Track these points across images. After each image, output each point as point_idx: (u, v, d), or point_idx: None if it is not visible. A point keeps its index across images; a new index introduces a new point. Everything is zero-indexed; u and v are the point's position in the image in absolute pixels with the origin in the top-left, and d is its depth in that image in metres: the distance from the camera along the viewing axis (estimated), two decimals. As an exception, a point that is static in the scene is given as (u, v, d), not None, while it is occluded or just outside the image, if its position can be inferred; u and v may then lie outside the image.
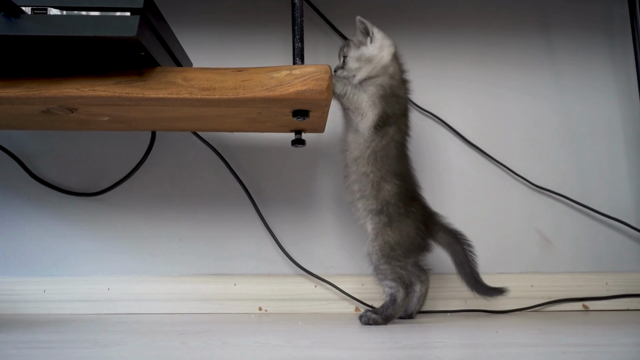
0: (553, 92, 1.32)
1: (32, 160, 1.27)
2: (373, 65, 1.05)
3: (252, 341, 0.85)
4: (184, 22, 1.28)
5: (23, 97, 0.84)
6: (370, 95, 1.03)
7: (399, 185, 1.04)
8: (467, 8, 1.33)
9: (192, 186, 1.27)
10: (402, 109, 1.07)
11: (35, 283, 1.22)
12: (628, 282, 1.23)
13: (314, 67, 0.87)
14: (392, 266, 1.02)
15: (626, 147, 1.30)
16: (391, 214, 1.03)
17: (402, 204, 1.04)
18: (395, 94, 1.05)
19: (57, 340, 0.87)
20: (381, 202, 1.04)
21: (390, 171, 1.04)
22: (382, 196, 1.04)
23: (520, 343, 0.84)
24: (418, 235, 1.04)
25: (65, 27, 0.76)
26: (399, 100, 1.06)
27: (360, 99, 1.02)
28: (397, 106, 1.05)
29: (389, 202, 1.04)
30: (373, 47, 1.05)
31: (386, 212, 1.03)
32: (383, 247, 1.02)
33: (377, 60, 1.05)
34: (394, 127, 1.05)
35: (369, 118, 1.02)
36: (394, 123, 1.04)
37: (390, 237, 1.02)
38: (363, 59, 1.05)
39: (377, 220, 1.04)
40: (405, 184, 1.06)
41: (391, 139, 1.04)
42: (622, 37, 1.32)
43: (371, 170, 1.04)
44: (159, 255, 1.25)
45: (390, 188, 1.04)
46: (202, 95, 0.86)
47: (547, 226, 1.27)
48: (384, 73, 1.05)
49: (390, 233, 1.02)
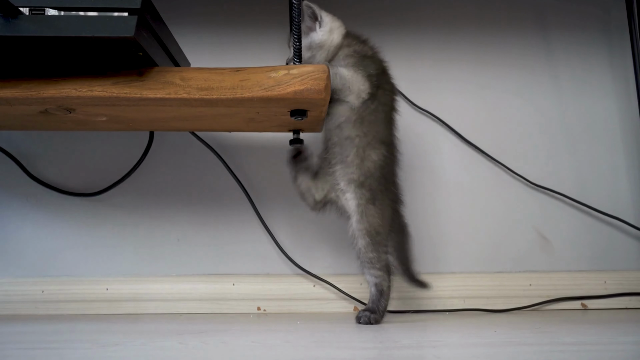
0: (551, 91, 1.32)
1: (30, 161, 1.27)
2: (326, 50, 1.00)
3: (251, 341, 0.85)
4: (182, 22, 1.28)
5: (21, 98, 0.84)
6: (346, 67, 0.98)
7: (385, 157, 0.99)
8: (465, 8, 1.33)
9: (191, 186, 1.27)
10: (378, 67, 1.01)
11: (34, 283, 1.22)
12: (627, 281, 1.23)
13: (311, 67, 0.87)
14: (379, 253, 0.97)
15: (624, 146, 1.30)
16: (374, 189, 0.97)
17: (384, 180, 0.99)
18: (363, 55, 1.00)
19: (56, 341, 0.87)
20: (365, 174, 0.98)
21: (377, 138, 0.98)
22: (366, 166, 0.98)
23: (519, 342, 0.84)
24: (393, 218, 1.01)
25: (63, 28, 0.76)
26: (372, 60, 1.01)
27: (343, 74, 0.96)
28: (373, 65, 0.99)
29: (372, 174, 0.98)
30: (322, 31, 1.00)
31: (368, 186, 0.97)
32: (370, 230, 0.96)
33: (329, 44, 1.00)
34: (381, 90, 0.99)
35: (357, 87, 0.97)
36: (379, 85, 0.99)
37: (375, 218, 0.96)
38: (314, 45, 1.00)
39: (360, 194, 0.98)
40: (390, 156, 1.01)
41: (379, 103, 0.99)
42: (620, 37, 1.32)
43: (356, 135, 0.98)
44: (158, 256, 1.25)
45: (377, 158, 0.98)
46: (200, 95, 0.86)
47: (545, 225, 1.28)
48: (339, 50, 1.01)
49: (374, 213, 0.97)
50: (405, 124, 1.27)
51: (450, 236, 1.27)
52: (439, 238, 1.27)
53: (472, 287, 1.22)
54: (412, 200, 1.27)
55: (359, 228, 0.98)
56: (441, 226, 1.27)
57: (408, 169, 1.27)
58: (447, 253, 1.26)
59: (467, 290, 1.22)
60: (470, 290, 1.22)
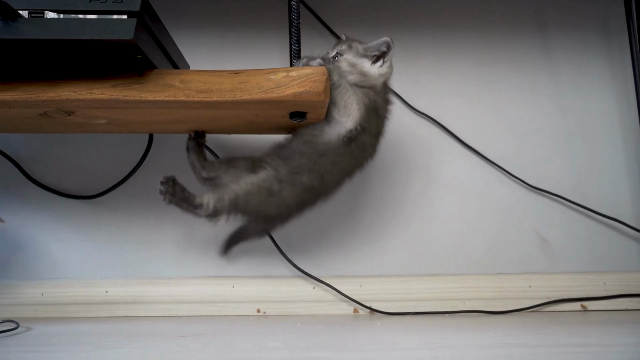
0: (550, 92, 1.32)
1: (30, 164, 1.27)
2: (364, 80, 0.99)
3: (251, 343, 0.85)
4: (181, 24, 1.28)
5: (20, 101, 0.84)
6: (359, 99, 0.97)
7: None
8: (464, 10, 1.33)
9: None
10: (377, 129, 1.01)
11: (33, 286, 1.22)
12: (626, 282, 1.23)
13: (311, 69, 0.87)
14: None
15: (623, 147, 1.30)
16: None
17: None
18: (376, 110, 0.99)
19: (56, 344, 0.87)
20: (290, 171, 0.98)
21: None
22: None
23: (518, 343, 0.84)
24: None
25: (62, 31, 0.76)
26: (378, 120, 1.00)
27: (352, 99, 0.96)
28: (374, 124, 0.99)
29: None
30: (376, 70, 0.99)
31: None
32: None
33: (371, 79, 0.99)
34: (359, 145, 0.98)
35: (352, 121, 0.96)
36: (361, 140, 0.98)
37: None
38: (358, 69, 0.99)
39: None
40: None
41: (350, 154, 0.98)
42: (619, 37, 1.32)
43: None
44: (157, 258, 1.25)
45: (301, 193, 0.99)
46: (199, 98, 0.86)
47: (544, 227, 1.28)
48: (371, 87, 0.99)
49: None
50: (404, 127, 1.28)
51: (449, 238, 1.27)
52: (438, 240, 1.27)
53: (472, 289, 1.22)
54: (411, 202, 1.27)
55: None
56: (440, 228, 1.27)
57: (407, 171, 1.28)
58: (446, 255, 1.26)
59: (466, 291, 1.22)
60: (470, 292, 1.22)
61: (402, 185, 1.27)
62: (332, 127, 0.97)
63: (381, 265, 1.26)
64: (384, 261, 1.26)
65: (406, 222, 1.27)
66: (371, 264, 1.26)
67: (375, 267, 1.25)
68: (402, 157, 1.28)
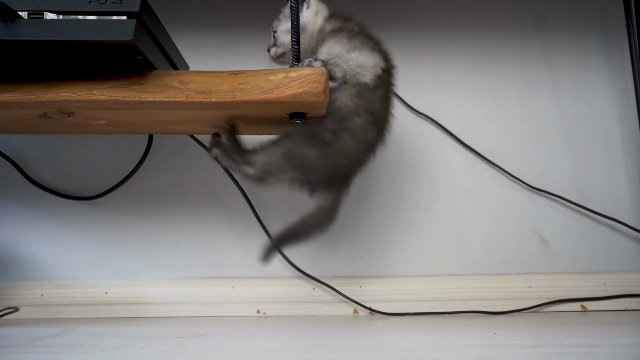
0: (549, 93, 1.32)
1: (30, 164, 1.27)
2: (309, 33, 0.96)
3: (251, 344, 0.85)
4: (181, 25, 1.28)
5: (20, 102, 0.84)
6: (348, 50, 0.92)
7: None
8: (463, 12, 1.33)
9: (190, 189, 1.27)
10: (370, 38, 0.97)
11: (33, 287, 1.22)
12: (626, 282, 1.23)
13: (310, 70, 0.87)
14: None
15: (623, 147, 1.30)
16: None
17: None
18: (351, 32, 0.95)
19: (55, 345, 0.87)
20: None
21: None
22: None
23: (518, 344, 0.84)
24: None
25: (62, 32, 0.76)
26: (362, 34, 0.96)
27: (355, 58, 0.92)
28: (366, 40, 0.95)
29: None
30: (307, 13, 0.97)
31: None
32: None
33: (312, 26, 0.97)
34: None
35: (372, 62, 0.92)
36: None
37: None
38: (301, 26, 0.95)
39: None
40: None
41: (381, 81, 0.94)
42: (618, 37, 1.32)
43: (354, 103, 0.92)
44: (157, 259, 1.25)
45: (360, 135, 0.92)
46: (198, 99, 0.86)
47: (544, 227, 1.28)
48: (322, 33, 0.96)
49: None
50: (403, 128, 1.28)
51: (449, 238, 1.27)
52: (438, 240, 1.27)
53: (472, 289, 1.22)
54: (410, 202, 1.27)
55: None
56: (440, 228, 1.27)
57: (406, 172, 1.28)
58: (446, 255, 1.26)
59: (466, 292, 1.22)
60: (470, 292, 1.22)
61: (401, 185, 1.27)
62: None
63: (381, 265, 1.26)
64: (383, 262, 1.26)
65: (406, 222, 1.27)
66: (371, 265, 1.26)
67: (374, 268, 1.25)
68: (401, 158, 1.28)
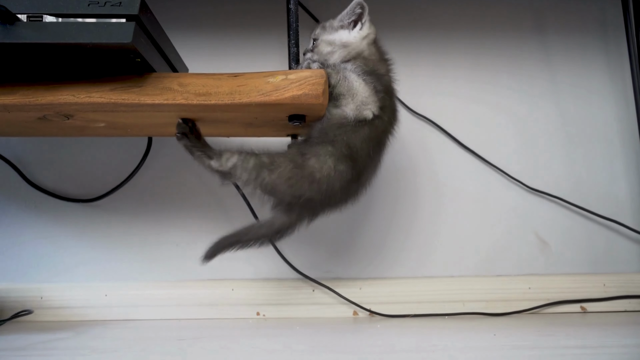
0: (549, 95, 1.32)
1: (29, 167, 1.27)
2: (348, 50, 0.97)
3: (250, 346, 0.85)
4: (180, 28, 1.28)
5: (19, 105, 0.84)
6: (356, 73, 0.93)
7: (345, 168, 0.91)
8: (462, 11, 1.33)
9: (189, 191, 1.27)
10: (385, 86, 0.96)
11: (32, 290, 1.21)
12: (625, 284, 1.23)
13: (309, 72, 0.87)
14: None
15: (622, 149, 1.30)
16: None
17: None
18: (374, 71, 0.95)
19: (54, 348, 0.87)
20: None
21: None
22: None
23: (518, 345, 0.84)
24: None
25: (61, 35, 0.76)
26: (380, 78, 0.95)
27: (351, 79, 0.92)
28: (379, 82, 0.94)
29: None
30: (356, 34, 0.98)
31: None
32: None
33: (354, 46, 0.97)
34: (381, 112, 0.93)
35: (361, 98, 0.91)
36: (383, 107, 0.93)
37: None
38: (338, 43, 0.97)
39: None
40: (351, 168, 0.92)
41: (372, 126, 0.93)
42: (617, 39, 1.32)
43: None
44: (156, 261, 1.25)
45: (330, 163, 0.89)
46: (198, 101, 0.86)
47: (544, 228, 1.28)
48: (358, 56, 0.97)
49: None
50: (403, 130, 1.27)
51: (449, 240, 1.27)
52: (438, 242, 1.27)
53: (472, 291, 1.22)
54: (411, 204, 1.27)
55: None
56: (440, 230, 1.27)
57: (406, 174, 1.28)
58: (446, 257, 1.26)
59: (466, 293, 1.22)
60: (470, 294, 1.22)
61: (401, 187, 1.27)
62: (349, 113, 0.91)
63: (380, 267, 1.26)
64: (383, 263, 1.26)
65: (405, 224, 1.27)
66: (370, 267, 1.26)
67: (374, 270, 1.25)
68: (401, 160, 1.28)
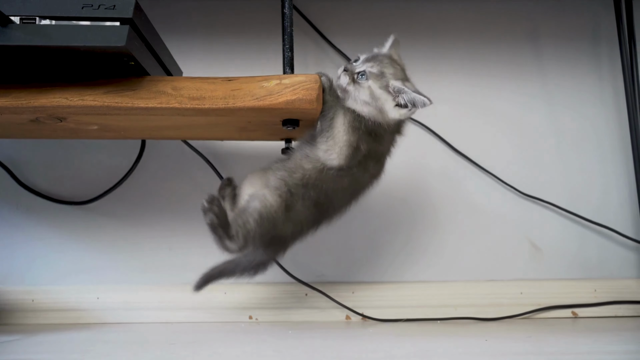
0: (542, 101, 1.33)
1: (21, 169, 1.26)
2: (379, 115, 0.88)
3: (242, 351, 0.85)
4: (174, 31, 1.28)
5: (11, 107, 0.84)
6: (350, 121, 0.88)
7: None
8: (457, 19, 1.34)
9: (182, 194, 1.27)
10: (374, 151, 0.91)
11: (24, 292, 1.21)
12: (616, 289, 1.24)
13: (303, 77, 0.87)
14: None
15: (614, 155, 1.31)
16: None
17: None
18: (379, 136, 0.90)
19: (46, 351, 0.87)
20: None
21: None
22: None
23: (509, 351, 0.84)
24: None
25: (54, 37, 0.76)
26: (375, 144, 0.90)
27: (337, 124, 0.88)
28: (370, 145, 0.89)
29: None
30: (396, 113, 0.88)
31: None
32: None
33: (385, 119, 0.88)
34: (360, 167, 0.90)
35: (340, 158, 0.88)
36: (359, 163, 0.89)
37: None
38: (378, 105, 0.87)
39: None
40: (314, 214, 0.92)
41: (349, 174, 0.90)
42: (609, 46, 1.33)
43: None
44: (149, 264, 1.25)
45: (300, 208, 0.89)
46: (191, 105, 0.86)
47: (536, 234, 1.28)
48: (380, 124, 0.89)
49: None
50: (397, 133, 1.28)
51: (442, 245, 1.27)
52: (430, 247, 1.27)
53: (464, 296, 1.23)
54: (404, 209, 1.28)
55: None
56: (432, 235, 1.27)
57: (399, 178, 1.28)
58: (438, 261, 1.26)
59: (458, 298, 1.22)
60: (462, 299, 1.22)
61: (393, 191, 1.28)
62: (321, 155, 0.89)
63: (373, 272, 1.26)
64: (376, 268, 1.26)
65: (397, 228, 1.27)
66: (363, 271, 1.26)
67: (367, 274, 1.26)
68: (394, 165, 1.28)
